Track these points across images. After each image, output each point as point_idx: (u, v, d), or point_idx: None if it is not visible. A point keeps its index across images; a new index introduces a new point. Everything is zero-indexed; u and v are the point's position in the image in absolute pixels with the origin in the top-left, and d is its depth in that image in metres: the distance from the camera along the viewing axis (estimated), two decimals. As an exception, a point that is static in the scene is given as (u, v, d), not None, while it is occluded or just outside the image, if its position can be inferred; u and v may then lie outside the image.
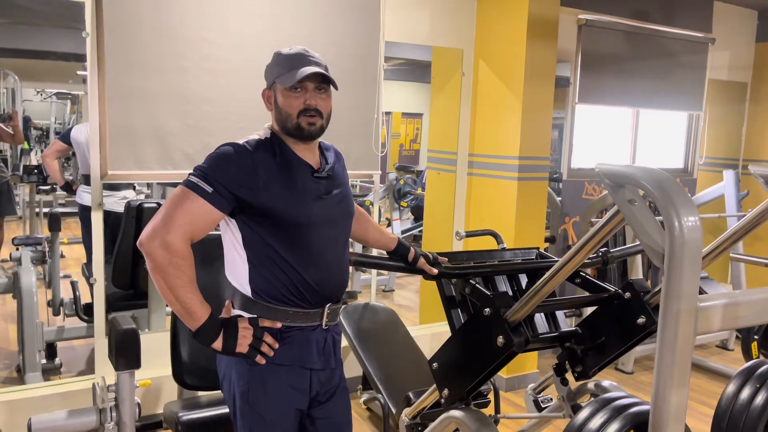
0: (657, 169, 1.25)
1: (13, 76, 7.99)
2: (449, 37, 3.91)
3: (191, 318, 1.56)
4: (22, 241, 4.56)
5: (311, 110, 1.63)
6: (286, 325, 1.64)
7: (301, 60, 1.63)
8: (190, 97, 3.03)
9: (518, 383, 3.86)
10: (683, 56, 4.87)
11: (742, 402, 1.85)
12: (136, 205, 3.83)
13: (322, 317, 1.68)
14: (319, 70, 1.62)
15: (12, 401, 2.80)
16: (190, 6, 2.98)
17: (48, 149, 4.42)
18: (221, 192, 1.54)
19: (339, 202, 1.73)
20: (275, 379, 1.65)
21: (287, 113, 1.64)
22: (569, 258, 1.57)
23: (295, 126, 1.63)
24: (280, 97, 1.65)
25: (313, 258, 1.64)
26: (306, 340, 1.67)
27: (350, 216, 1.78)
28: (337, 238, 1.72)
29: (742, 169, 5.39)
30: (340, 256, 1.73)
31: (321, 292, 1.67)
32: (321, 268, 1.66)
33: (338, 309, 1.75)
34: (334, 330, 1.76)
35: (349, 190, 1.80)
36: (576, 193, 4.48)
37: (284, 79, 1.62)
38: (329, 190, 1.70)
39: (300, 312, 1.65)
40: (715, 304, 1.16)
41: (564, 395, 2.05)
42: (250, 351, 1.60)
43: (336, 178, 1.75)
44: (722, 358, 4.52)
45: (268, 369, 1.63)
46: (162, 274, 1.51)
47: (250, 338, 1.59)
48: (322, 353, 1.71)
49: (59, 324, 3.98)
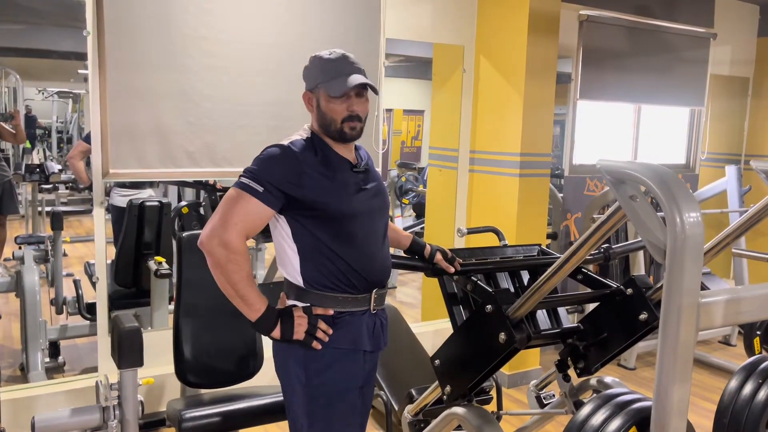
0: (658, 165, 1.25)
1: (14, 75, 8.00)
2: (450, 34, 3.90)
3: (250, 310, 1.68)
4: (24, 240, 4.58)
5: (354, 117, 1.72)
6: (338, 311, 1.74)
7: (344, 67, 1.72)
8: (192, 95, 3.03)
9: (521, 380, 3.86)
10: (685, 51, 4.85)
11: (745, 397, 1.85)
12: (138, 204, 3.84)
13: (370, 302, 1.78)
14: (366, 81, 1.71)
15: (15, 399, 2.81)
16: (191, 4, 2.98)
17: (73, 150, 4.45)
18: (271, 190, 1.65)
19: (375, 194, 1.82)
20: (332, 362, 1.74)
21: (332, 118, 1.73)
22: (571, 254, 1.57)
23: (339, 131, 1.73)
24: (324, 102, 1.73)
25: (358, 246, 1.74)
26: (358, 324, 1.77)
27: (387, 208, 1.88)
28: (378, 228, 1.81)
29: (744, 164, 5.38)
30: (382, 244, 1.82)
31: (367, 278, 1.76)
32: (366, 256, 1.75)
33: (384, 293, 1.84)
34: (381, 314, 1.85)
35: (382, 185, 1.89)
36: (578, 189, 4.47)
37: (330, 87, 1.70)
38: (367, 183, 1.80)
39: (349, 298, 1.74)
40: (717, 300, 1.16)
41: (566, 391, 2.05)
42: (306, 337, 1.70)
43: (371, 173, 1.85)
44: (725, 353, 4.52)
45: (324, 353, 1.73)
46: (222, 270, 1.64)
47: (305, 326, 1.70)
48: (372, 335, 1.80)
49: (62, 322, 4.00)
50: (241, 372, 2.57)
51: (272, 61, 3.19)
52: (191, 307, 2.51)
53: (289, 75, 3.22)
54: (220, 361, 2.53)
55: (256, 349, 2.59)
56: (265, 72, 3.19)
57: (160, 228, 3.86)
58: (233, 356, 2.56)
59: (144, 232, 3.81)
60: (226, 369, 2.55)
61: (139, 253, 3.79)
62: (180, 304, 2.51)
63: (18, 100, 8.30)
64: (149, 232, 3.82)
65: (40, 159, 9.10)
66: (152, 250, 3.80)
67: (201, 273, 2.53)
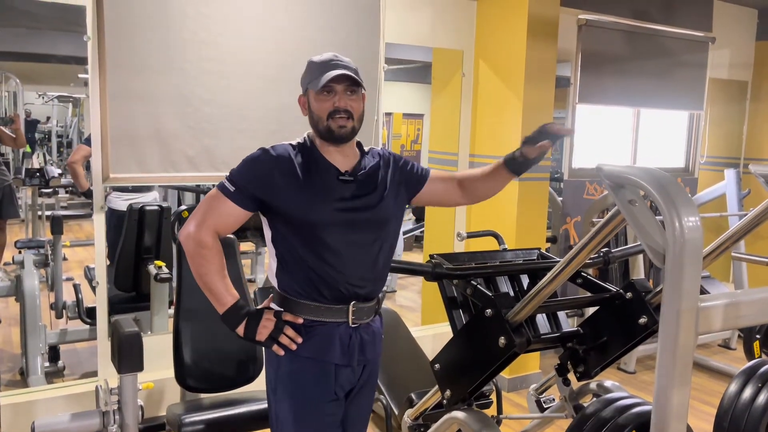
0: (657, 169, 1.25)
1: (14, 80, 8.02)
2: (449, 39, 3.91)
3: (218, 303, 1.71)
4: (24, 244, 4.58)
5: (340, 111, 1.69)
6: (310, 319, 1.72)
7: (329, 65, 1.71)
8: (191, 99, 3.04)
9: (520, 384, 3.86)
10: (683, 55, 4.86)
11: (744, 401, 1.85)
12: (138, 208, 3.84)
13: (347, 314, 1.73)
14: (346, 72, 1.68)
15: (15, 404, 2.80)
16: (191, 8, 2.99)
17: (74, 155, 4.26)
18: (242, 191, 1.68)
19: (367, 207, 1.74)
20: (297, 369, 1.73)
21: (318, 116, 1.72)
22: (571, 258, 1.58)
23: (326, 128, 1.71)
24: (312, 102, 1.73)
25: (329, 258, 1.69)
26: (329, 335, 1.73)
27: (382, 221, 1.78)
28: (364, 240, 1.74)
29: (744, 168, 5.39)
30: (366, 258, 1.75)
31: (341, 289, 1.71)
32: (337, 268, 1.70)
33: (370, 308, 1.78)
34: (366, 329, 1.79)
35: (389, 197, 1.79)
36: (577, 193, 4.48)
37: (314, 84, 1.70)
38: (357, 194, 1.73)
39: (322, 307, 1.72)
40: (716, 304, 1.16)
41: (566, 395, 2.05)
42: (267, 340, 1.70)
43: (370, 184, 1.77)
44: (724, 357, 4.52)
45: (290, 360, 1.72)
46: (192, 262, 1.69)
47: (270, 328, 1.70)
48: (347, 349, 1.75)
49: (62, 327, 3.99)
50: (241, 377, 2.57)
51: (272, 66, 3.20)
52: (191, 311, 2.51)
53: (288, 79, 3.22)
54: (220, 365, 2.53)
55: (256, 353, 2.59)
56: (264, 76, 3.19)
57: (160, 232, 3.86)
58: (233, 361, 2.56)
59: (144, 236, 3.81)
60: (226, 373, 2.54)
61: (139, 257, 3.79)
62: (180, 308, 2.51)
63: (18, 104, 8.31)
64: (149, 236, 3.82)
65: (40, 163, 9.11)
66: (152, 254, 3.80)
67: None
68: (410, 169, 1.88)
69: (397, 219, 1.83)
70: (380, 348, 1.87)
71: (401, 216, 1.87)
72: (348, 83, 1.70)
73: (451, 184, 1.93)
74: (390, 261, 1.84)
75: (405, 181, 1.86)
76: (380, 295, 1.84)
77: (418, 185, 1.89)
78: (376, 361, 1.87)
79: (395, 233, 1.84)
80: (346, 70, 1.69)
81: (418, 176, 1.89)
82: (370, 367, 1.85)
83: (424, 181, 1.89)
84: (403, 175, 1.86)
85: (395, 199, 1.82)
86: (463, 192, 1.93)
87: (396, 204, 1.82)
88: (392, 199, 1.80)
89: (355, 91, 1.72)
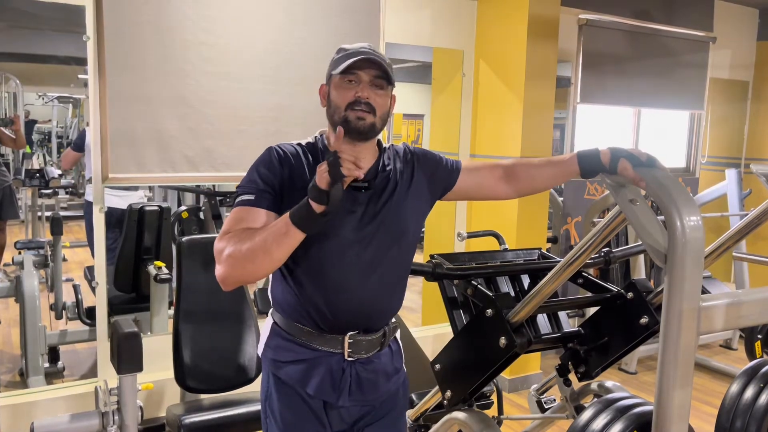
0: (658, 169, 1.25)
1: (14, 80, 8.01)
2: (450, 39, 3.91)
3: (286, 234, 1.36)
4: (24, 245, 4.58)
5: (362, 103, 1.47)
6: (302, 341, 1.53)
7: (359, 51, 1.49)
8: (191, 100, 3.03)
9: (521, 384, 3.85)
10: (684, 55, 4.86)
11: (746, 401, 1.84)
12: (138, 208, 3.83)
13: (342, 346, 1.53)
14: (374, 57, 1.47)
15: (15, 405, 2.80)
16: (190, 9, 2.98)
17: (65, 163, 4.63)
18: (263, 193, 1.45)
19: (382, 218, 1.52)
20: (282, 394, 1.56)
21: (336, 105, 1.50)
22: (571, 258, 1.57)
23: (342, 119, 1.47)
24: (333, 90, 1.51)
25: (327, 280, 1.49)
26: (316, 364, 1.53)
27: (397, 235, 1.55)
28: (372, 261, 1.51)
29: (745, 167, 5.38)
30: (376, 282, 1.52)
31: (333, 318, 1.51)
32: (336, 293, 1.50)
33: (367, 341, 1.56)
34: (365, 365, 1.57)
35: (408, 203, 1.57)
36: (578, 193, 4.47)
37: (338, 67, 1.48)
38: (370, 203, 1.52)
39: (315, 333, 1.52)
40: (717, 304, 1.15)
41: (567, 396, 2.05)
42: (334, 179, 1.31)
43: (387, 189, 1.54)
44: (726, 357, 4.51)
45: (277, 383, 1.56)
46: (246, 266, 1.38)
47: (327, 176, 1.32)
48: (337, 385, 1.54)
49: (62, 327, 3.99)
50: (240, 377, 2.57)
51: (271, 67, 3.20)
52: (191, 312, 2.51)
53: (288, 80, 3.22)
54: (219, 366, 2.53)
55: (255, 354, 2.58)
56: (264, 77, 3.19)
57: (159, 233, 3.86)
58: (233, 361, 2.56)
59: (144, 236, 3.81)
60: (226, 374, 2.54)
61: (138, 258, 3.79)
62: (179, 309, 2.51)
63: (18, 105, 8.30)
64: (149, 236, 3.82)
65: (40, 164, 9.11)
66: (152, 254, 3.80)
67: (201, 278, 2.55)
68: (437, 164, 1.65)
69: (415, 229, 1.60)
70: (393, 387, 1.64)
71: (421, 223, 1.64)
72: (376, 73, 1.48)
73: (491, 174, 1.67)
74: (403, 285, 1.63)
75: (432, 180, 1.63)
76: (388, 326, 1.62)
77: (449, 181, 1.66)
78: (392, 402, 1.65)
79: (412, 246, 1.61)
80: (374, 57, 1.48)
81: (449, 170, 1.66)
82: (385, 408, 1.63)
83: (456, 175, 1.66)
84: (431, 172, 1.63)
85: (417, 202, 1.60)
86: (509, 182, 1.66)
87: (416, 210, 1.60)
88: (412, 204, 1.58)
89: (383, 86, 1.50)
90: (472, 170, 1.69)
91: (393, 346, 1.67)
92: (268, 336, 1.61)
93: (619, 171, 1.35)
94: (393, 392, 1.65)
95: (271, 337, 1.60)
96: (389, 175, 1.57)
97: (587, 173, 1.50)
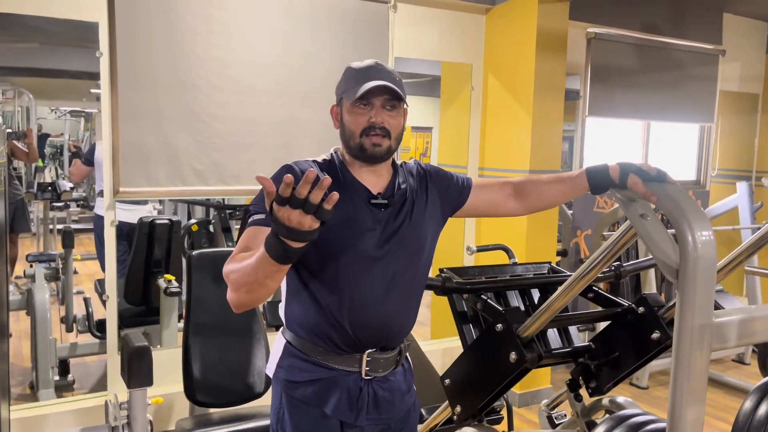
0: (668, 183, 1.24)
1: (27, 95, 8.10)
2: (458, 53, 3.92)
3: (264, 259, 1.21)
4: (35, 258, 4.60)
5: (376, 128, 1.47)
6: (317, 359, 1.52)
7: (369, 73, 1.49)
8: (201, 114, 3.06)
9: (531, 399, 3.82)
10: (694, 68, 4.85)
11: (760, 418, 1.81)
12: (148, 222, 3.85)
13: (360, 364, 1.53)
14: (386, 84, 1.46)
15: (25, 418, 2.80)
16: (201, 25, 3.02)
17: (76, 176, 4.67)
18: None
19: (401, 236, 1.52)
20: (296, 415, 1.54)
21: (351, 131, 1.50)
22: (582, 273, 1.56)
23: (358, 146, 1.49)
24: (346, 114, 1.51)
25: (351, 297, 1.48)
26: (333, 384, 1.52)
27: (416, 252, 1.56)
28: (393, 278, 1.51)
29: (756, 180, 5.35)
30: (396, 299, 1.53)
31: (353, 335, 1.50)
32: (359, 310, 1.49)
33: (385, 359, 1.55)
34: (382, 383, 1.57)
35: (425, 220, 1.57)
36: (587, 206, 4.46)
37: (350, 94, 1.48)
38: (388, 220, 1.52)
39: (331, 352, 1.52)
40: (731, 320, 1.14)
41: (578, 411, 2.03)
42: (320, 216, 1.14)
43: (404, 207, 1.54)
44: (739, 372, 4.46)
45: (291, 403, 1.54)
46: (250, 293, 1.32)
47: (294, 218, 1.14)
48: (355, 404, 1.53)
49: (72, 340, 4.00)
50: (250, 392, 2.56)
51: (280, 81, 3.22)
52: (200, 325, 2.51)
53: (296, 94, 3.24)
54: (229, 380, 2.53)
55: (265, 368, 2.58)
56: (272, 91, 3.21)
57: (170, 246, 3.87)
58: (243, 375, 2.55)
59: (154, 250, 3.82)
60: (236, 388, 2.54)
61: (148, 271, 3.81)
62: (189, 322, 2.51)
63: (31, 118, 8.40)
64: (159, 250, 3.83)
65: (52, 177, 9.19)
66: (162, 268, 3.81)
67: (210, 291, 2.55)
68: (449, 182, 1.66)
69: (431, 246, 1.61)
70: (406, 405, 1.65)
71: (436, 240, 1.63)
72: (388, 96, 1.48)
73: (501, 191, 1.69)
74: (419, 301, 1.62)
75: (445, 197, 1.64)
76: (403, 344, 1.62)
77: (460, 198, 1.67)
78: (405, 419, 1.65)
79: (428, 263, 1.61)
80: (387, 82, 1.46)
81: (460, 188, 1.67)
82: (398, 426, 1.63)
83: (467, 192, 1.67)
84: (443, 190, 1.64)
85: (432, 219, 1.60)
86: (519, 199, 1.67)
87: (432, 227, 1.61)
88: (428, 222, 1.59)
89: (395, 106, 1.50)
90: (482, 187, 1.70)
91: (405, 364, 1.67)
92: (281, 356, 1.58)
93: (629, 186, 1.34)
94: (406, 410, 1.65)
95: (284, 357, 1.57)
96: (405, 192, 1.57)
97: (597, 189, 1.50)
